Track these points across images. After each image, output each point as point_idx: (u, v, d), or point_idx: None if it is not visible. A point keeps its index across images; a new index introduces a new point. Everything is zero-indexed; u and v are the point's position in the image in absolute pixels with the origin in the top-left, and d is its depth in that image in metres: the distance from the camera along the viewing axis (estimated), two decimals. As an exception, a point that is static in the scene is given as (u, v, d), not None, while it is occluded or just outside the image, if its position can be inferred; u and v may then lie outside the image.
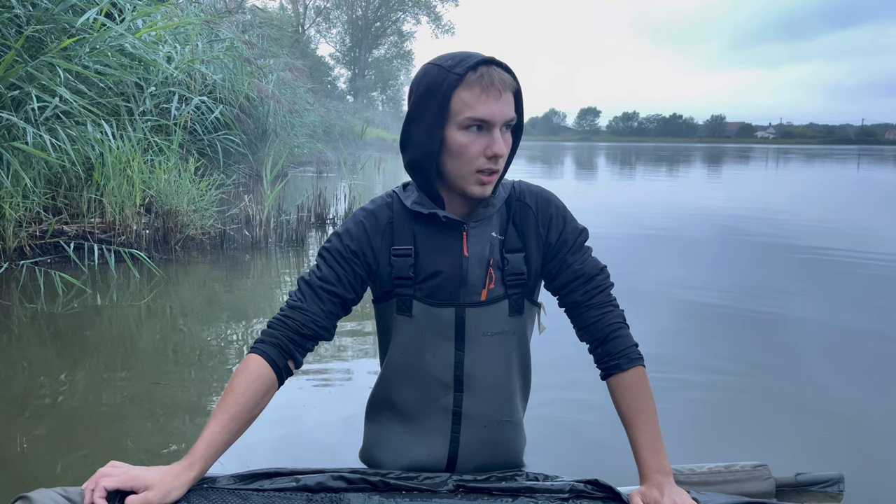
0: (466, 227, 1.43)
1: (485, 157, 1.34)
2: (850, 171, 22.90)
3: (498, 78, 1.32)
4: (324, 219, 7.10)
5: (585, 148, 65.91)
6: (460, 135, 1.33)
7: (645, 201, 11.21)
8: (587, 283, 1.44)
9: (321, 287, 1.40)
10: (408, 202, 1.44)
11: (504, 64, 1.35)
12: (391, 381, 1.53)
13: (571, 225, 1.47)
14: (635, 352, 1.41)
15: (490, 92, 1.31)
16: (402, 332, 1.47)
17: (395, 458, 1.52)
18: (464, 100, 1.32)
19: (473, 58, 1.33)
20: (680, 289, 4.42)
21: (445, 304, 1.43)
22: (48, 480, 1.49)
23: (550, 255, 1.46)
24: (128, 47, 5.51)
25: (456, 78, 1.32)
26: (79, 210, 5.11)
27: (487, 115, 1.31)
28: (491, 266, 1.44)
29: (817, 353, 3.12)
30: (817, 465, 1.78)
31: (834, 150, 63.32)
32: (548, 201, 1.48)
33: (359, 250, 1.43)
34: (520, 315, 1.48)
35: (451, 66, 1.33)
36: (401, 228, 1.45)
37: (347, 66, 51.37)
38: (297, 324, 1.38)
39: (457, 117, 1.33)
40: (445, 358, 1.45)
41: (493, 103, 1.31)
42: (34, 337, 3.24)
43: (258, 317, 3.69)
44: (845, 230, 7.56)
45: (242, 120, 8.23)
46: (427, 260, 1.43)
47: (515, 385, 1.54)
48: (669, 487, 1.28)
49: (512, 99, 1.35)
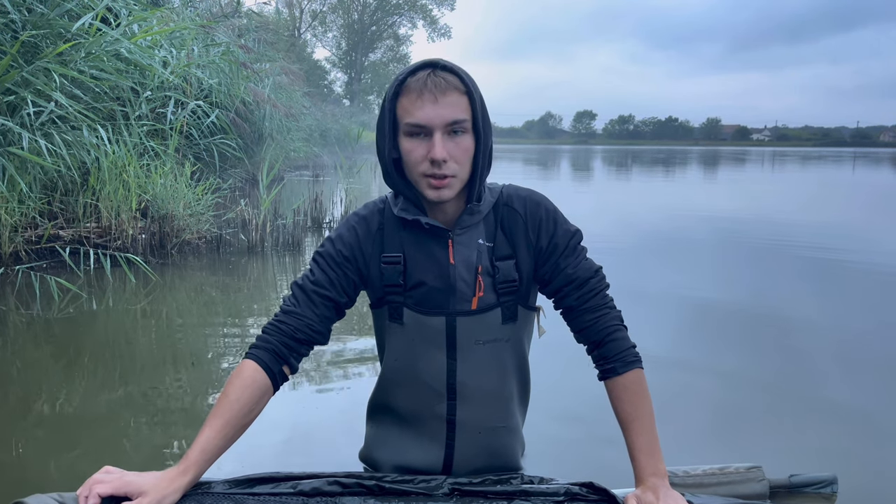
0: (452, 235, 1.41)
1: (428, 162, 1.31)
2: (845, 174, 22.98)
3: (434, 81, 1.28)
4: (320, 223, 7.10)
5: (582, 151, 65.97)
6: (406, 141, 1.33)
7: (646, 203, 11.23)
8: (581, 287, 1.42)
9: (315, 291, 1.40)
10: (395, 208, 1.43)
11: (449, 65, 1.32)
12: (388, 386, 1.53)
13: (563, 228, 1.44)
14: (632, 354, 1.40)
15: (425, 96, 1.28)
16: (395, 339, 1.47)
17: (393, 460, 1.53)
18: (404, 106, 1.31)
19: (418, 64, 1.32)
20: (677, 291, 4.42)
21: (436, 312, 1.42)
22: (44, 486, 1.48)
23: (542, 259, 1.44)
24: (123, 52, 5.51)
25: (397, 84, 1.31)
26: (75, 215, 5.10)
27: (423, 119, 1.28)
28: (480, 274, 1.41)
29: (811, 355, 3.13)
30: (811, 466, 1.79)
31: (829, 153, 63.48)
32: (537, 205, 1.45)
33: (351, 256, 1.43)
34: (514, 322, 1.46)
35: (399, 74, 1.33)
36: (391, 235, 1.44)
37: (343, 69, 51.46)
38: (292, 329, 1.38)
39: (401, 124, 1.32)
40: (438, 367, 1.44)
41: (428, 107, 1.28)
42: (30, 342, 3.23)
43: (254, 321, 3.69)
44: (843, 231, 7.59)
45: (238, 124, 8.23)
46: (415, 267, 1.42)
47: (511, 391, 1.52)
48: (665, 490, 1.29)
49: (459, 100, 1.30)
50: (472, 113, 1.32)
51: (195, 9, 9.80)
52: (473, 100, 1.32)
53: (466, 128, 1.32)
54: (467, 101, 1.31)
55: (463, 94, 1.30)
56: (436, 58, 1.32)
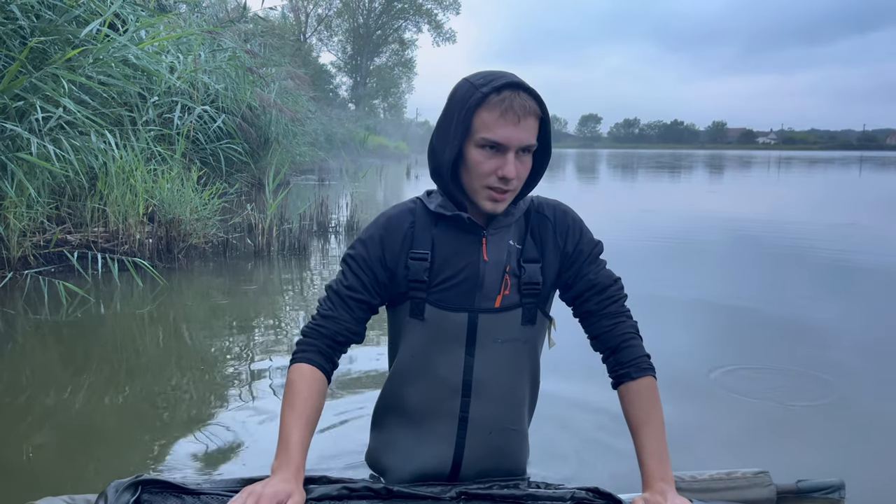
0: (486, 234, 1.47)
1: (496, 176, 1.37)
2: (853, 177, 22.89)
3: (519, 104, 1.34)
4: (326, 227, 7.11)
5: (588, 154, 65.94)
6: (476, 152, 1.37)
7: (657, 207, 11.22)
8: (601, 293, 1.48)
9: (349, 296, 1.47)
10: (431, 206, 1.49)
11: (531, 90, 1.37)
12: (399, 384, 1.56)
13: (587, 237, 1.52)
14: (646, 362, 1.45)
15: (508, 116, 1.33)
16: (413, 335, 1.50)
17: (399, 463, 1.55)
18: (483, 120, 1.35)
19: (501, 79, 1.36)
20: (686, 292, 4.42)
21: (459, 308, 1.47)
22: (53, 489, 1.50)
23: (567, 264, 1.51)
24: (131, 58, 5.54)
25: (480, 97, 1.35)
26: (82, 219, 5.14)
27: (502, 138, 1.34)
28: (507, 273, 1.47)
29: (818, 359, 3.12)
30: (818, 471, 1.78)
31: (835, 156, 63.26)
32: (565, 213, 1.54)
33: (381, 255, 1.48)
34: (532, 325, 1.51)
35: (479, 85, 1.36)
36: (421, 233, 1.49)
37: (349, 74, 51.54)
38: (332, 332, 1.46)
39: (475, 135, 1.36)
40: (455, 362, 1.48)
41: (510, 128, 1.34)
42: (38, 346, 3.25)
43: (261, 325, 3.70)
44: (849, 233, 7.57)
45: (245, 129, 8.26)
46: (445, 263, 1.47)
47: (524, 394, 1.56)
48: (672, 495, 1.30)
49: (534, 124, 1.37)
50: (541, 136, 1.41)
51: (202, 14, 9.85)
52: (546, 125, 1.41)
53: (532, 150, 1.41)
54: (539, 126, 1.39)
55: (537, 120, 1.38)
56: (517, 78, 1.37)
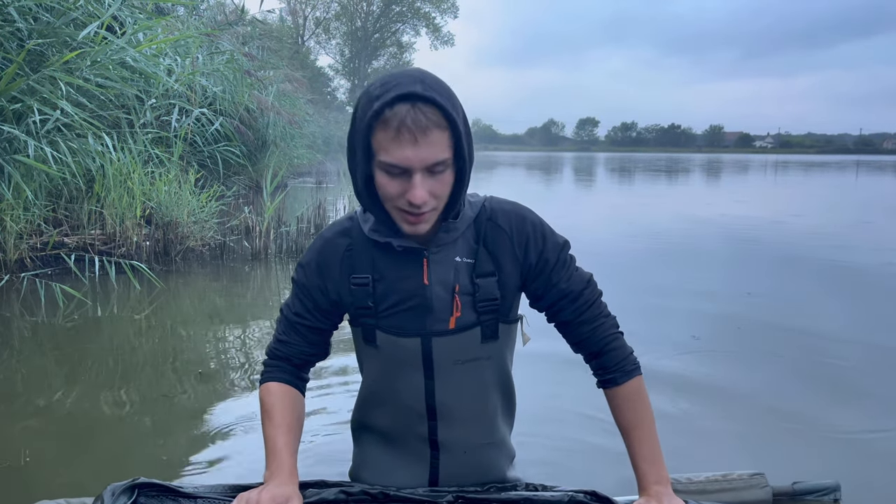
0: (427, 254, 1.33)
1: (405, 199, 1.20)
2: (850, 181, 22.95)
3: (414, 119, 1.13)
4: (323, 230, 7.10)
5: (585, 158, 65.99)
6: (380, 175, 1.20)
7: (656, 212, 11.24)
8: (575, 300, 1.38)
9: (298, 322, 1.43)
10: (365, 228, 1.35)
11: (429, 95, 1.15)
12: (369, 405, 1.53)
13: (551, 241, 1.38)
14: (631, 362, 1.39)
15: (403, 135, 1.14)
16: (370, 360, 1.47)
17: (378, 480, 1.48)
18: (379, 141, 1.17)
19: (395, 89, 1.15)
20: (681, 297, 4.43)
21: (410, 333, 1.36)
22: (50, 492, 1.49)
23: (532, 275, 1.38)
24: (129, 60, 5.54)
25: (373, 114, 1.15)
26: (79, 222, 5.13)
27: (401, 160, 1.16)
28: (457, 293, 1.34)
29: (813, 362, 3.13)
30: (814, 473, 1.79)
31: (832, 161, 63.41)
32: (523, 219, 1.38)
33: (320, 284, 1.39)
34: (495, 340, 1.40)
35: (375, 97, 1.17)
36: (360, 255, 1.37)
37: (347, 76, 51.57)
38: (289, 355, 1.44)
39: (377, 157, 1.19)
40: (416, 386, 1.41)
41: (408, 148, 1.14)
42: (35, 349, 3.24)
43: (258, 327, 3.70)
44: (845, 233, 7.59)
45: (242, 131, 8.26)
46: (387, 288, 1.36)
47: (495, 407, 1.48)
48: (668, 498, 1.29)
49: (440, 137, 1.16)
50: (454, 145, 1.20)
51: (200, 17, 9.85)
52: (457, 132, 1.19)
53: (448, 164, 1.20)
54: (449, 135, 1.18)
55: (445, 130, 1.17)
56: (414, 86, 1.15)
